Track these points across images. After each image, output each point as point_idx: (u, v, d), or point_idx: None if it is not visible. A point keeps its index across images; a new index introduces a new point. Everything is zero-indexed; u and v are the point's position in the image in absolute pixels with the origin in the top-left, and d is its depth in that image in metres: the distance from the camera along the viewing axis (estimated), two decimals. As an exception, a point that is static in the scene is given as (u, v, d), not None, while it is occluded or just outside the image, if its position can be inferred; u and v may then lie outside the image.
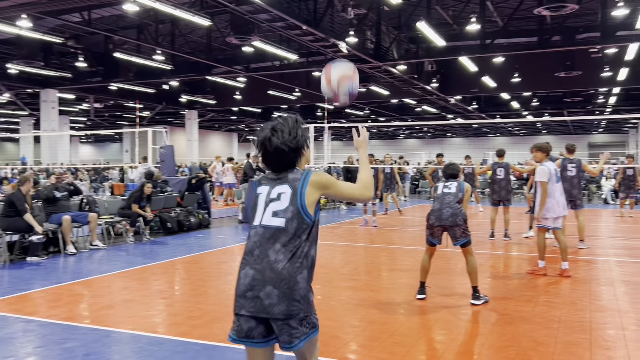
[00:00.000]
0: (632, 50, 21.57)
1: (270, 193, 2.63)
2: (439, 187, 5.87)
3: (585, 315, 5.09)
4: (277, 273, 2.49)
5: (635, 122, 45.69)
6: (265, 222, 2.58)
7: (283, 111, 26.54)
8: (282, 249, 2.53)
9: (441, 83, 28.63)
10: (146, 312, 5.42)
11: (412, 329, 4.83)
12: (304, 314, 2.54)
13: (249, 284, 2.51)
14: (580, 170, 9.04)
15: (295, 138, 2.66)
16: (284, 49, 20.69)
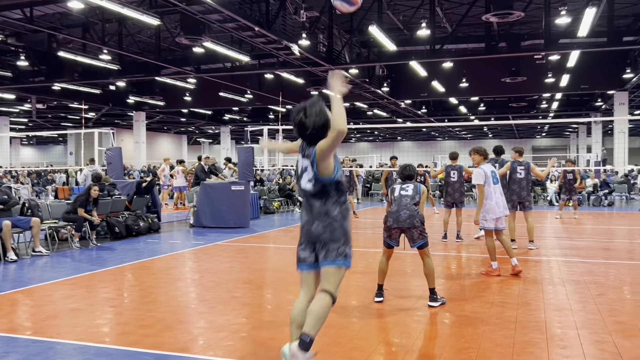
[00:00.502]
0: (574, 57, 22.42)
1: (303, 165, 3.61)
2: (395, 189, 5.86)
3: (540, 315, 5.17)
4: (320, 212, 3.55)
5: (576, 126, 47.60)
6: (303, 186, 3.60)
7: (234, 113, 26.27)
8: (317, 201, 3.54)
9: (392, 87, 28.98)
10: (93, 322, 5.15)
11: (371, 333, 4.78)
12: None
13: (303, 224, 3.62)
14: (529, 172, 9.25)
15: (321, 118, 3.50)
16: (236, 51, 20.43)
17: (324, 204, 3.50)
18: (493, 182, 7.00)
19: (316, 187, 3.50)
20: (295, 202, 17.98)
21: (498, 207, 6.98)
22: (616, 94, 28.54)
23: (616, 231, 12.60)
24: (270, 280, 7.19)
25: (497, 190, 7.01)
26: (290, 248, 9.99)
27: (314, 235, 3.54)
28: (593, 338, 4.51)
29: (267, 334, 4.77)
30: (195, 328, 4.95)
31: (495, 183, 7.02)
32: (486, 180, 6.95)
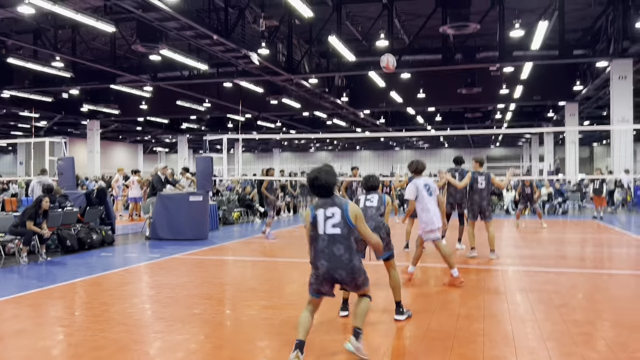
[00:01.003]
0: (527, 69, 23.02)
1: (326, 213, 4.25)
2: (360, 200, 5.77)
3: (507, 327, 5.13)
4: (344, 262, 4.20)
5: (529, 136, 48.94)
6: (328, 232, 4.23)
7: (192, 122, 25.77)
8: (341, 246, 4.19)
9: (351, 97, 29.11)
10: (41, 344, 4.84)
11: (338, 350, 4.62)
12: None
13: (325, 271, 4.22)
14: (489, 183, 9.36)
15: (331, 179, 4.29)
16: (194, 59, 20.13)
17: (346, 247, 4.23)
18: (427, 195, 7.03)
19: (343, 230, 4.24)
20: (255, 213, 17.72)
21: (436, 217, 7.04)
22: (567, 105, 29.48)
23: (572, 239, 12.88)
24: (230, 295, 6.96)
25: (431, 202, 7.06)
26: (251, 260, 9.76)
27: (337, 280, 4.27)
28: (561, 350, 4.49)
29: (227, 353, 4.57)
30: (152, 349, 4.71)
31: (430, 195, 7.06)
32: (418, 194, 6.99)
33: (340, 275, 4.20)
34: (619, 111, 20.41)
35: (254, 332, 5.14)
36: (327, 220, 4.22)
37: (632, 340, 4.75)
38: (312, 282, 4.33)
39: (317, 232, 4.25)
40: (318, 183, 4.24)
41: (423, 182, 7.11)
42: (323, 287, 4.28)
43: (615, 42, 19.26)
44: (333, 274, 4.20)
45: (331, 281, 4.25)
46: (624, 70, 20.16)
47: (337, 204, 4.24)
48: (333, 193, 4.27)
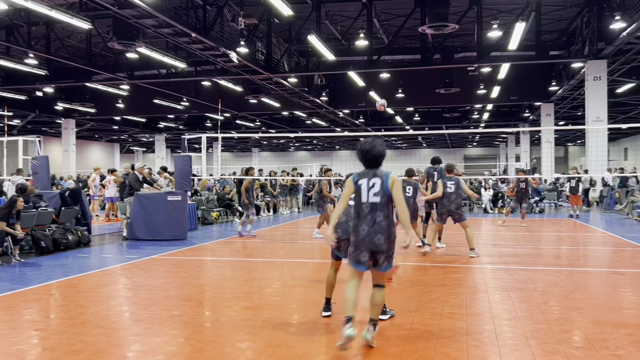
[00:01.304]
0: (504, 69, 23.26)
1: (369, 183, 4.55)
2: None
3: (490, 326, 5.12)
4: (383, 228, 4.48)
5: (505, 136, 49.50)
6: (370, 200, 4.52)
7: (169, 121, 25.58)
8: (381, 213, 4.48)
9: (330, 97, 29.11)
10: (15, 348, 4.69)
11: (321, 351, 4.57)
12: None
13: (365, 235, 4.50)
14: (459, 188, 9.70)
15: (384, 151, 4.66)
16: (172, 57, 19.89)
17: (385, 214, 4.49)
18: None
19: (382, 199, 4.51)
20: (235, 212, 17.57)
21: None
22: (543, 106, 29.89)
23: (550, 238, 13.02)
24: (210, 296, 6.85)
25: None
26: (230, 261, 9.65)
27: (375, 244, 4.48)
28: (544, 348, 4.49)
29: (208, 355, 4.47)
30: (130, 352, 4.59)
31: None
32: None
33: (379, 239, 4.48)
34: (593, 111, 20.74)
35: (234, 334, 5.05)
36: (370, 189, 4.53)
37: (613, 338, 4.78)
38: (352, 252, 4.60)
39: (359, 200, 4.59)
40: (373, 153, 4.55)
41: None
42: (363, 255, 4.53)
43: (590, 44, 19.57)
44: (373, 237, 4.48)
45: (370, 247, 4.50)
46: (599, 71, 20.49)
47: (378, 175, 4.58)
48: (380, 165, 4.61)
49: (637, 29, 16.29)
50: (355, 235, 4.57)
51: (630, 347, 4.53)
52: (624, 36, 16.98)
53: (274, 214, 20.01)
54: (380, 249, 4.49)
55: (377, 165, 4.61)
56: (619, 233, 13.02)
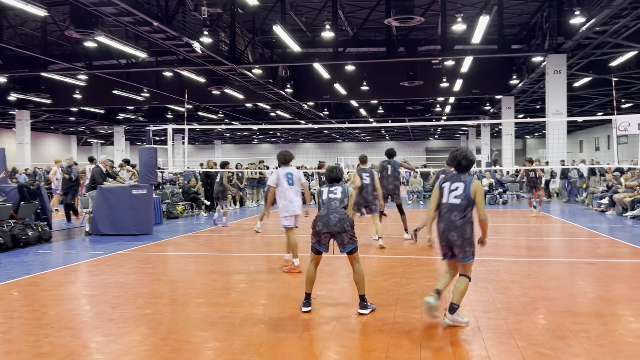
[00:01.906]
0: (467, 63, 23.55)
1: (451, 186, 5.00)
2: (323, 192, 5.61)
3: (472, 319, 5.10)
4: (457, 226, 4.90)
5: (466, 129, 50.33)
6: (450, 201, 4.97)
7: (129, 112, 24.84)
8: (457, 214, 4.91)
9: (295, 89, 28.92)
10: (-22, 353, 4.41)
11: (305, 347, 4.47)
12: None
13: (442, 232, 4.97)
14: (373, 180, 9.89)
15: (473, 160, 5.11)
16: (132, 46, 19.33)
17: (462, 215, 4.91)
18: (288, 184, 7.43)
19: (462, 203, 4.94)
20: (201, 206, 17.26)
21: (292, 206, 7.42)
22: (504, 99, 30.43)
23: (515, 229, 13.24)
24: (183, 293, 6.62)
25: (291, 191, 7.44)
26: (201, 256, 9.42)
27: (450, 240, 4.96)
28: (529, 341, 4.50)
29: (187, 356, 4.31)
30: (104, 354, 4.38)
31: (290, 184, 7.44)
32: (278, 182, 7.45)
33: (452, 236, 4.92)
34: (553, 104, 21.22)
35: (212, 332, 4.89)
36: (451, 192, 4.97)
37: (594, 328, 4.84)
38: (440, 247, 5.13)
39: (441, 201, 5.06)
40: (464, 163, 5.03)
41: (286, 171, 7.49)
42: (444, 249, 5.06)
43: (550, 38, 19.96)
44: (447, 235, 4.95)
45: (447, 242, 4.98)
46: (559, 65, 20.95)
47: (462, 180, 5.01)
48: (467, 171, 5.05)
49: (595, 24, 16.70)
50: (437, 231, 5.08)
51: (610, 338, 4.60)
52: (583, 31, 17.38)
53: (240, 207, 19.76)
54: (455, 245, 4.92)
55: (464, 170, 5.06)
56: (582, 223, 13.36)
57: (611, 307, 5.67)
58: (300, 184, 7.48)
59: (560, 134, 21.01)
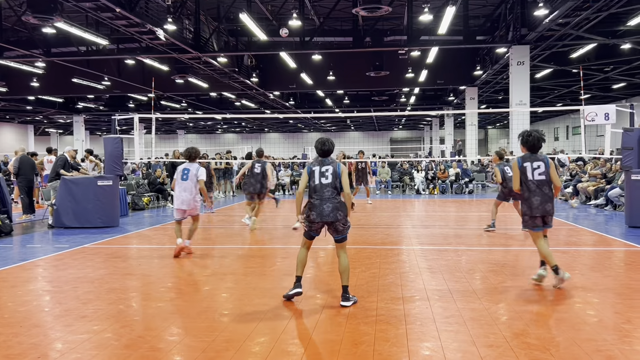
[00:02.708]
0: (433, 54, 23.71)
1: (533, 165, 5.86)
2: (315, 173, 5.39)
3: (455, 311, 5.11)
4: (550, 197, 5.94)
5: (430, 119, 50.87)
6: (536, 178, 5.83)
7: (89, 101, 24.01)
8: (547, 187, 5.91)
9: (261, 78, 28.61)
10: (-58, 354, 4.17)
11: (293, 343, 4.38)
12: None
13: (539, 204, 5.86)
14: (264, 170, 10.90)
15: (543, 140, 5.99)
16: (93, 33, 18.70)
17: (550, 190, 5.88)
18: (181, 179, 8.06)
19: (547, 178, 5.82)
20: (167, 197, 16.91)
21: (177, 200, 8.11)
22: (467, 90, 30.83)
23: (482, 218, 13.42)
24: (157, 288, 6.39)
25: (181, 186, 8.04)
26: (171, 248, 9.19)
27: (547, 210, 5.85)
28: (513, 330, 4.55)
29: (169, 352, 4.16)
30: (79, 354, 4.18)
31: (183, 180, 8.04)
32: (178, 175, 8.14)
33: (549, 206, 5.80)
34: (517, 95, 21.57)
35: (192, 328, 4.75)
36: (535, 170, 5.78)
37: (548, 319, 4.92)
38: (528, 220, 5.88)
39: (526, 179, 5.84)
40: (538, 145, 5.85)
41: (183, 167, 8.10)
42: (538, 220, 5.84)
43: (514, 29, 20.26)
44: (545, 206, 5.77)
45: (542, 212, 5.79)
46: (522, 56, 21.29)
47: (540, 158, 5.85)
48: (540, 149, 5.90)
49: (558, 16, 17.01)
50: (529, 206, 5.81)
51: (562, 327, 4.68)
52: (546, 23, 17.69)
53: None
54: (550, 213, 5.84)
55: (537, 150, 5.89)
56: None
57: (567, 295, 5.77)
58: (194, 180, 7.98)
59: (524, 124, 21.41)
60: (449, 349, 4.11)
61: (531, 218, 5.84)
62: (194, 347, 4.26)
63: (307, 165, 5.52)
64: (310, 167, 5.46)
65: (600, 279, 6.32)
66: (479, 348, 4.12)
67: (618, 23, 19.98)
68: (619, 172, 13.67)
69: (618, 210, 13.40)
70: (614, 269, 6.87)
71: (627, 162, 10.66)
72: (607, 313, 5.06)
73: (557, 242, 9.26)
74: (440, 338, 4.35)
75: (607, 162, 15.26)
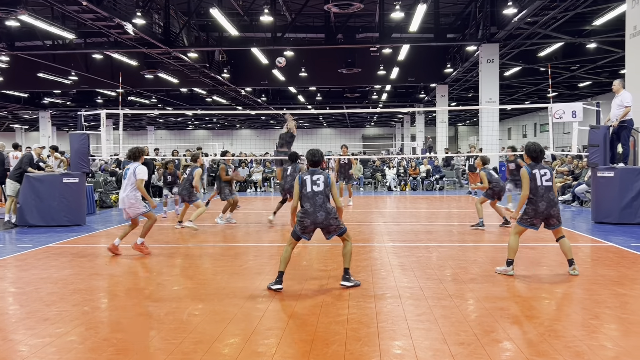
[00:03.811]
0: (404, 51, 23.82)
1: (540, 172, 6.40)
2: (306, 181, 5.81)
3: (423, 308, 5.12)
4: (556, 202, 6.49)
5: (401, 116, 51.21)
6: (544, 184, 6.36)
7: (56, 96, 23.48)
8: (553, 193, 6.46)
9: (232, 74, 28.37)
10: None
11: (266, 345, 4.30)
12: None
13: (544, 209, 6.37)
14: (191, 174, 10.83)
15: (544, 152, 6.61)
16: (59, 27, 18.23)
17: (554, 195, 6.41)
18: (124, 178, 8.07)
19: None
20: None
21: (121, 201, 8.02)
22: (438, 87, 31.09)
23: (452, 214, 13.55)
24: (124, 288, 6.24)
25: (125, 185, 7.97)
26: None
27: (551, 214, 6.34)
28: (483, 328, 4.57)
29: (133, 357, 4.05)
30: (40, 359, 4.04)
31: (124, 179, 8.05)
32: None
33: (555, 211, 6.32)
34: (486, 92, 21.83)
35: (160, 330, 4.63)
36: (542, 177, 6.32)
37: (517, 315, 4.97)
38: (529, 218, 6.38)
39: (535, 185, 6.28)
40: (541, 155, 6.46)
41: (127, 167, 8.09)
42: (538, 221, 6.38)
43: (483, 28, 20.50)
44: (550, 210, 6.28)
45: (547, 216, 6.33)
46: (492, 54, 21.55)
47: (546, 167, 6.44)
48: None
49: (527, 15, 17.26)
50: (534, 209, 6.32)
51: (531, 323, 4.72)
52: (515, 21, 17.92)
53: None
54: (555, 215, 6.34)
55: (541, 160, 6.47)
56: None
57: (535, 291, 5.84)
58: (131, 181, 7.88)
59: (493, 121, 21.68)
60: (421, 348, 4.10)
61: (532, 218, 6.37)
62: (161, 349, 4.15)
63: (299, 176, 5.92)
64: (302, 177, 5.88)
65: (567, 275, 6.41)
66: (450, 346, 4.12)
67: (584, 23, 20.39)
68: (586, 169, 13.94)
69: (584, 206, 13.67)
70: (581, 265, 6.98)
71: (594, 159, 10.87)
72: (575, 309, 5.13)
73: (525, 238, 9.37)
74: (411, 336, 4.34)
75: (574, 159, 15.56)
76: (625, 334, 4.41)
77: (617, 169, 10.66)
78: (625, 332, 4.45)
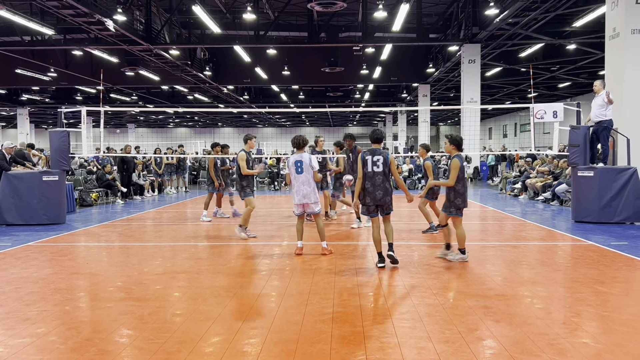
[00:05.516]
0: (387, 51, 23.90)
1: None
2: (368, 161, 6.55)
3: (409, 307, 5.13)
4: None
5: (384, 115, 51.39)
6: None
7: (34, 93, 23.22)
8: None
9: (215, 72, 28.23)
10: None
11: (253, 344, 4.28)
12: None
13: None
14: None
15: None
16: (38, 22, 17.94)
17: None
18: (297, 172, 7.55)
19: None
20: (116, 193, 16.42)
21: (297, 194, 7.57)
22: (420, 87, 31.27)
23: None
24: (105, 288, 6.15)
25: (299, 180, 7.54)
26: (121, 246, 8.91)
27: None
28: (468, 326, 4.60)
29: (116, 358, 4.00)
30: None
31: (298, 173, 7.51)
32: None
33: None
34: (468, 92, 22.03)
35: (142, 330, 4.58)
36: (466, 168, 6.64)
37: (501, 314, 5.02)
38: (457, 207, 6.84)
39: (463, 174, 6.74)
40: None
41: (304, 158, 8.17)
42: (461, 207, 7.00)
43: (465, 28, 20.66)
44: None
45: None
46: (473, 55, 21.75)
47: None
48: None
49: (508, 16, 17.43)
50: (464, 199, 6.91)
51: (515, 321, 4.78)
52: (497, 22, 18.10)
53: (159, 194, 19.05)
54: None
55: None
56: (499, 207, 13.98)
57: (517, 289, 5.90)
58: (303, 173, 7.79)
59: (475, 121, 21.88)
60: (406, 346, 4.11)
61: (461, 205, 6.90)
62: (145, 349, 4.10)
63: (361, 155, 6.67)
64: (364, 156, 6.66)
65: (549, 273, 6.48)
66: (435, 344, 4.14)
67: (564, 24, 20.66)
68: (566, 169, 14.12)
69: (565, 205, 13.85)
70: (562, 263, 7.07)
71: (574, 158, 11.01)
72: (557, 307, 5.19)
73: (506, 237, 9.48)
74: (396, 334, 4.35)
75: (555, 159, 15.75)
76: (606, 331, 4.47)
77: (596, 169, 10.81)
78: (606, 329, 4.51)
